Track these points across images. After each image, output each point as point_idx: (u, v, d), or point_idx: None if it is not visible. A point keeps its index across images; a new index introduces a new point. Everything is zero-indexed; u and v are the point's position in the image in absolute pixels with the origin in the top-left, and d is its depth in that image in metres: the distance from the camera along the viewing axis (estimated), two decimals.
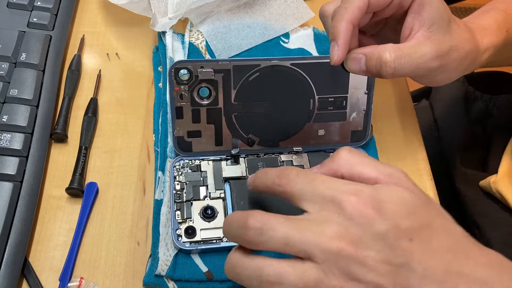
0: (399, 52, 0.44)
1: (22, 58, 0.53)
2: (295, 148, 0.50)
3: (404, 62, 0.44)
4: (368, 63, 0.44)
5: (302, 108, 0.49)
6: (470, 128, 0.72)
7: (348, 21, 0.43)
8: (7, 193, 0.45)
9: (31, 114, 0.49)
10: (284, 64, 0.47)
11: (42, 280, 0.43)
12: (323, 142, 0.50)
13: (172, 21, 0.57)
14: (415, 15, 0.46)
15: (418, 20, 0.46)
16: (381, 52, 0.44)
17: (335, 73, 0.48)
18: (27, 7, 0.57)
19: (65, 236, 0.46)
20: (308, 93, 0.49)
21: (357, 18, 0.44)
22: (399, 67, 0.44)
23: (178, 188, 0.47)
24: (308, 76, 0.48)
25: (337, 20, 0.44)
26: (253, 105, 0.48)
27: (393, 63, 0.44)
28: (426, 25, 0.45)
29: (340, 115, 0.50)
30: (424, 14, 0.45)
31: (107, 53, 0.58)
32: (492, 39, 0.50)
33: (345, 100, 0.49)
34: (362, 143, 0.51)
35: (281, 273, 0.33)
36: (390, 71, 0.44)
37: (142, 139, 0.52)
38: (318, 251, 0.33)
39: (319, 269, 0.33)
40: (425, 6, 0.45)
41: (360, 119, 0.50)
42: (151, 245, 0.45)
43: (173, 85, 0.47)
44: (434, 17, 0.45)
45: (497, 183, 0.59)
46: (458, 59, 0.47)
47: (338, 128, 0.50)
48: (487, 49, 0.50)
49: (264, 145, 0.49)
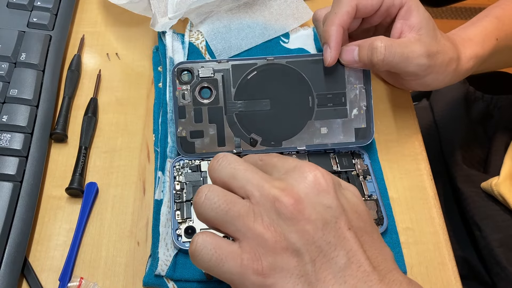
0: (390, 41, 0.47)
1: (22, 58, 0.53)
2: (298, 147, 0.50)
3: (394, 51, 0.47)
4: (360, 53, 0.48)
5: (301, 106, 0.49)
6: (471, 129, 0.72)
7: (338, 25, 0.47)
8: (7, 193, 0.45)
9: (31, 114, 0.49)
10: (280, 62, 0.48)
11: (42, 280, 0.43)
12: (327, 140, 0.50)
13: (172, 21, 0.57)
14: (404, 21, 0.49)
15: (407, 25, 0.49)
16: (372, 40, 0.47)
17: (331, 70, 0.49)
18: (27, 7, 0.57)
19: (65, 236, 0.46)
20: (306, 90, 0.49)
21: (346, 22, 0.48)
22: (389, 54, 0.47)
23: (178, 188, 0.47)
24: (304, 73, 0.49)
25: (327, 25, 0.48)
26: (253, 104, 0.49)
27: (383, 48, 0.46)
28: (415, 29, 0.49)
29: (340, 111, 0.50)
30: (412, 19, 0.49)
31: (107, 53, 0.58)
32: (476, 50, 0.52)
33: (344, 96, 0.50)
34: (367, 142, 0.50)
35: (211, 191, 0.35)
36: (380, 57, 0.47)
37: (142, 139, 0.52)
38: (257, 193, 0.34)
39: (250, 207, 0.34)
40: (412, 13, 0.49)
41: (362, 116, 0.50)
42: (151, 245, 0.45)
43: (175, 85, 0.47)
44: (422, 22, 0.49)
45: (499, 186, 0.59)
46: (443, 64, 0.49)
47: (340, 125, 0.50)
48: (470, 59, 0.52)
49: (267, 145, 0.49)
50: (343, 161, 0.50)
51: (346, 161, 0.50)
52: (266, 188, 0.34)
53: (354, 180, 0.49)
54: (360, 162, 0.50)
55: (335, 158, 0.50)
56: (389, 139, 0.54)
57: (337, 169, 0.49)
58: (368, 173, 0.49)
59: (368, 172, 0.50)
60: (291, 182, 0.34)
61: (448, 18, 1.75)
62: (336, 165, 0.50)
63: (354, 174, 0.49)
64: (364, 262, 0.33)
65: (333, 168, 0.49)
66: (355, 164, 0.50)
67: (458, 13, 1.78)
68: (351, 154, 0.51)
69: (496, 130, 0.71)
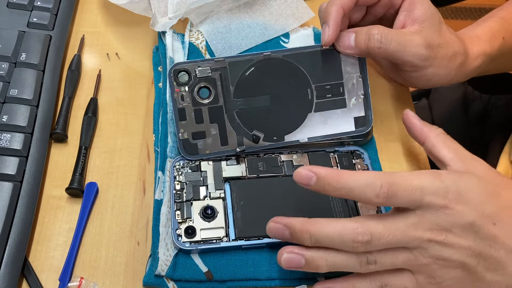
0: (388, 29, 0.47)
1: (22, 58, 0.53)
2: (301, 140, 0.50)
3: (391, 38, 0.47)
4: (357, 38, 0.47)
5: (301, 99, 0.49)
6: (468, 128, 0.72)
7: (339, 5, 0.47)
8: (7, 193, 0.45)
9: (31, 114, 0.49)
10: (277, 56, 0.48)
11: (42, 280, 0.43)
12: (328, 131, 0.50)
13: (172, 21, 0.57)
14: (407, 13, 0.49)
15: (410, 17, 0.48)
16: (369, 27, 0.47)
17: (327, 60, 0.49)
18: (27, 7, 0.57)
19: (65, 236, 0.46)
20: (304, 83, 0.49)
21: (347, 5, 0.47)
22: (385, 41, 0.47)
23: (178, 188, 0.47)
24: (301, 66, 0.49)
25: (328, 5, 0.48)
26: (253, 100, 0.49)
27: (380, 35, 0.46)
28: (418, 21, 0.48)
29: (339, 102, 0.50)
30: (416, 12, 0.48)
31: (107, 53, 0.58)
32: (484, 47, 0.52)
33: (342, 86, 0.50)
34: (367, 129, 0.50)
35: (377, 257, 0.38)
36: (377, 43, 0.47)
37: (142, 139, 0.52)
38: (413, 241, 0.38)
39: (409, 253, 0.38)
40: (416, 5, 0.48)
41: (360, 104, 0.50)
42: (151, 245, 0.45)
43: (173, 87, 0.47)
44: (426, 15, 0.48)
45: None
46: (446, 57, 0.49)
47: (340, 115, 0.50)
48: (478, 55, 0.51)
49: (270, 140, 0.49)
50: (343, 161, 0.50)
51: (346, 161, 0.50)
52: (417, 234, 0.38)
53: None
54: (360, 162, 0.50)
55: (335, 158, 0.50)
56: (389, 139, 0.54)
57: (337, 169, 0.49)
58: None
59: None
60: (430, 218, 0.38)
61: (448, 18, 1.75)
62: (336, 165, 0.50)
63: None
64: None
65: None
66: (355, 164, 0.50)
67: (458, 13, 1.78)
68: (351, 154, 0.51)
69: (493, 129, 0.71)
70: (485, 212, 0.38)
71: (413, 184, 0.37)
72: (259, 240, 0.44)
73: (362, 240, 0.37)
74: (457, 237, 0.37)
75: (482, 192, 0.38)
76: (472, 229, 0.37)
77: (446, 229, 0.37)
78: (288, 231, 0.40)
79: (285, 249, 0.40)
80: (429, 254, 0.38)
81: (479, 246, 0.38)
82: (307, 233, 0.39)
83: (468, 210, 0.37)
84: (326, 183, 0.38)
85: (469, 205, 0.37)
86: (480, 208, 0.38)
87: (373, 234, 0.37)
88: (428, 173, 0.39)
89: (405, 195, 0.37)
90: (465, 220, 0.37)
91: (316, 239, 0.39)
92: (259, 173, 0.48)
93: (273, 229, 0.40)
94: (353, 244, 0.37)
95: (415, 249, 0.38)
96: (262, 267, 0.44)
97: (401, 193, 0.37)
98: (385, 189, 0.37)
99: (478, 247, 0.38)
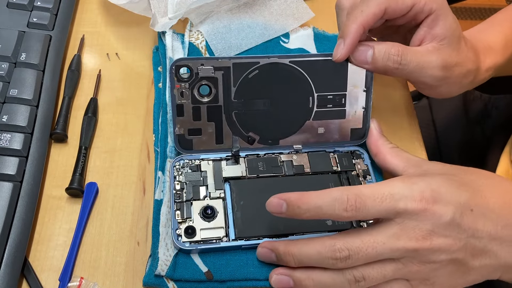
0: (407, 49, 0.46)
1: (22, 58, 0.53)
2: (295, 146, 0.50)
3: (410, 59, 0.46)
4: (375, 55, 0.46)
5: (301, 106, 0.49)
6: (469, 128, 0.72)
7: (361, 25, 0.45)
8: (7, 193, 0.45)
9: (31, 114, 0.49)
10: (283, 62, 0.48)
11: (42, 280, 0.43)
12: (323, 140, 0.50)
13: (172, 21, 0.57)
14: (428, 29, 0.47)
15: (430, 34, 0.47)
16: (389, 45, 0.46)
17: (333, 71, 0.48)
18: (27, 7, 0.57)
19: (65, 236, 0.46)
20: (307, 91, 0.49)
21: (370, 24, 0.46)
22: (404, 62, 0.45)
23: (178, 188, 0.47)
24: (307, 73, 0.48)
25: (350, 21, 0.45)
26: (253, 103, 0.48)
27: (399, 57, 0.45)
28: (437, 38, 0.47)
29: (339, 113, 0.50)
30: (436, 29, 0.47)
31: (107, 53, 0.58)
32: (496, 59, 0.52)
33: (344, 98, 0.49)
34: (361, 141, 0.51)
35: (364, 272, 0.39)
36: (395, 65, 0.46)
37: (142, 139, 0.52)
38: (397, 252, 0.38)
39: (397, 263, 0.38)
40: (439, 23, 0.46)
41: (359, 117, 0.50)
42: (151, 245, 0.45)
43: (173, 83, 0.47)
44: (446, 33, 0.47)
45: None
46: (460, 76, 0.48)
47: (337, 126, 0.50)
48: (489, 68, 0.51)
49: (264, 143, 0.49)
50: (343, 161, 0.50)
51: (346, 161, 0.50)
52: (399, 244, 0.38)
53: (354, 180, 0.49)
54: (360, 162, 0.50)
55: (335, 158, 0.50)
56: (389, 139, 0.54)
57: (337, 169, 0.49)
58: (368, 173, 0.49)
59: (368, 172, 0.50)
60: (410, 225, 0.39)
61: None
62: (336, 165, 0.50)
63: (354, 174, 0.49)
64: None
65: (333, 168, 0.49)
66: (355, 164, 0.50)
67: (458, 13, 1.78)
68: (351, 154, 0.51)
69: (493, 129, 0.71)
70: (461, 202, 0.38)
71: (382, 192, 0.37)
72: (259, 240, 0.44)
73: (341, 256, 0.37)
74: (442, 238, 0.38)
75: (451, 184, 0.39)
76: (454, 223, 0.38)
77: (429, 232, 0.37)
78: (274, 254, 0.42)
79: (275, 271, 0.41)
80: (418, 261, 0.38)
81: (463, 239, 0.38)
82: (290, 255, 0.40)
83: (445, 207, 0.38)
84: (296, 207, 0.38)
85: (445, 201, 0.38)
86: (455, 200, 0.38)
87: (351, 249, 0.37)
88: (397, 179, 0.39)
89: (375, 204, 0.37)
90: (446, 218, 0.37)
91: (298, 260, 0.40)
92: (259, 173, 0.48)
93: (262, 254, 0.43)
94: (332, 261, 0.38)
95: (402, 258, 0.38)
96: (262, 267, 0.44)
97: (370, 202, 0.37)
98: (352, 201, 0.37)
99: (463, 240, 0.38)
